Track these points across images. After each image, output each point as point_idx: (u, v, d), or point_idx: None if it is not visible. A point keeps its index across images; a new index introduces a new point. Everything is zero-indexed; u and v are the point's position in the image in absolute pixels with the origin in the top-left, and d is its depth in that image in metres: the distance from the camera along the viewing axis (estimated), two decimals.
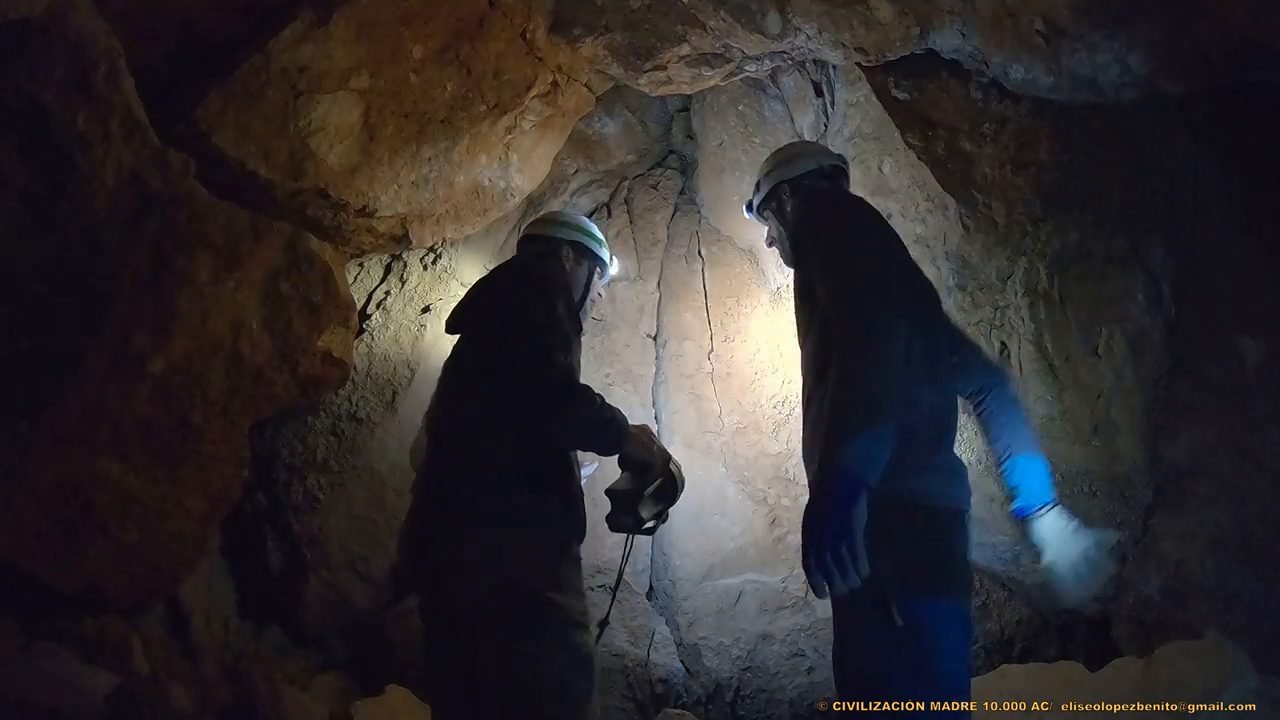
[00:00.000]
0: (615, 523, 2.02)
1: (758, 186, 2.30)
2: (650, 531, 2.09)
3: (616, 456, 2.00)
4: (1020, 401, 2.07)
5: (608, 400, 1.91)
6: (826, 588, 1.42)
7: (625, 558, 2.32)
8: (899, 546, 1.58)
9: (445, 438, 2.01)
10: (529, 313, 1.95)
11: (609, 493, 2.02)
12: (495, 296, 2.09)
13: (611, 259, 2.47)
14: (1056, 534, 1.87)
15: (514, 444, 1.88)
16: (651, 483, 2.01)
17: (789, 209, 2.17)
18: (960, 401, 2.02)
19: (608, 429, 1.91)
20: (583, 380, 1.94)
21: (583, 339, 2.16)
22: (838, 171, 2.23)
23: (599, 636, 1.91)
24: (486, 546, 1.80)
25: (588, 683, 1.77)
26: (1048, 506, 1.90)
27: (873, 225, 1.88)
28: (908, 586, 1.55)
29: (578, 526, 1.97)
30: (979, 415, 2.06)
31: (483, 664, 1.73)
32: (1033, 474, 1.93)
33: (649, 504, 2.01)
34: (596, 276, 2.40)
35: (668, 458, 2.04)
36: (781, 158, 2.28)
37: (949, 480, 1.70)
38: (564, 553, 1.91)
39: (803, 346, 1.87)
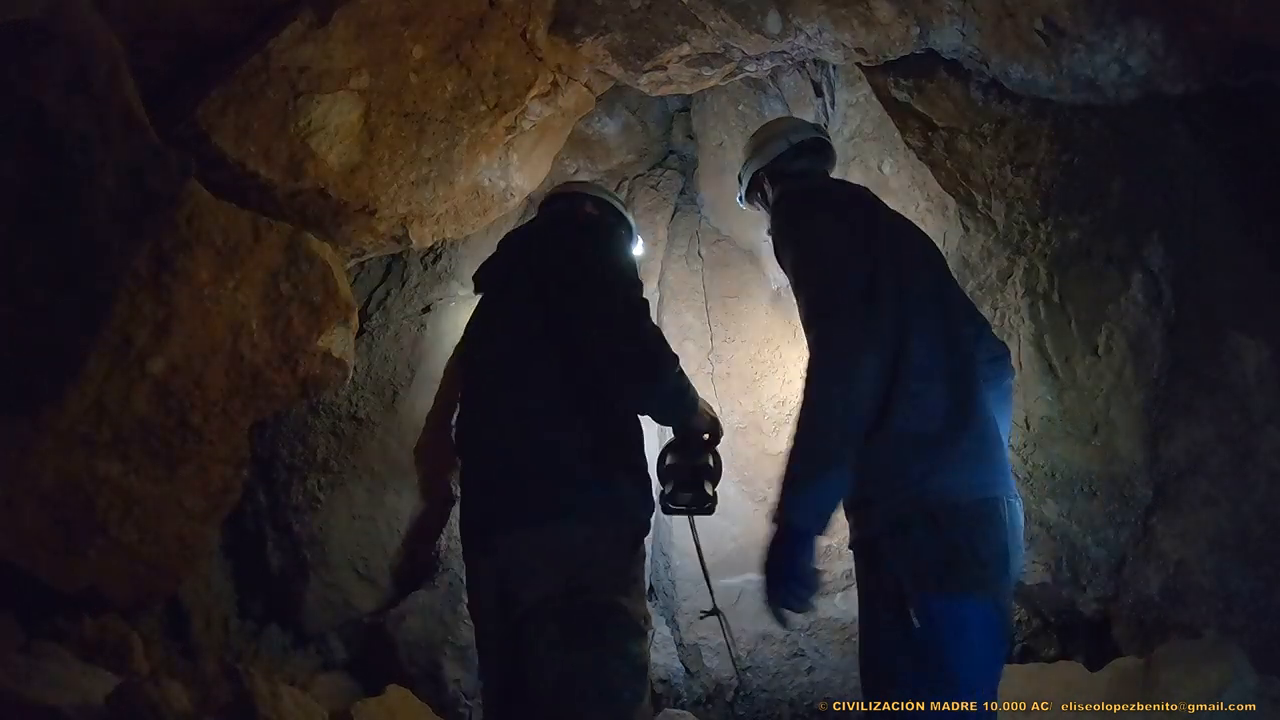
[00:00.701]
0: (676, 500, 1.91)
1: (739, 179, 2.30)
2: (710, 510, 1.95)
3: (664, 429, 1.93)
4: (1011, 399, 2.05)
5: None
6: (787, 618, 1.62)
7: (697, 543, 2.14)
8: (916, 547, 1.59)
9: (501, 407, 1.86)
10: (607, 273, 1.84)
11: (670, 469, 1.91)
12: (560, 255, 1.91)
13: (635, 232, 2.38)
14: None
15: (586, 414, 1.77)
16: (708, 456, 1.91)
17: (772, 198, 2.15)
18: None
19: (688, 397, 1.82)
20: None
21: None
22: (817, 144, 2.20)
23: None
24: (559, 546, 1.72)
25: (634, 695, 1.73)
26: None
27: (840, 225, 1.80)
28: (925, 587, 1.56)
29: (649, 511, 1.86)
30: None
31: (536, 659, 1.69)
32: None
33: (708, 480, 1.91)
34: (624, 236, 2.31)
35: (722, 432, 1.95)
36: (755, 145, 2.25)
37: (976, 469, 1.67)
38: (634, 548, 1.82)
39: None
